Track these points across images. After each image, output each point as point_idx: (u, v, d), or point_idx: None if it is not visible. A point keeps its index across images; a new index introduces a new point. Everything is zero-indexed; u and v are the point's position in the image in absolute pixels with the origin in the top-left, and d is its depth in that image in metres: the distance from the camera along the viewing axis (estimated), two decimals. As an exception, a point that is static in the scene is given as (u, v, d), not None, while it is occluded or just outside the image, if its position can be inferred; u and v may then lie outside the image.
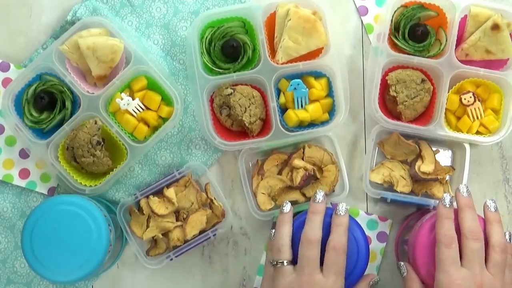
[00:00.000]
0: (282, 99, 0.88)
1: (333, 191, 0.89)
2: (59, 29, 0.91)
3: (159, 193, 0.89)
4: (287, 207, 0.79)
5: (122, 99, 0.85)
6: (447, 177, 0.90)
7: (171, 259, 0.87)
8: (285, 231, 0.77)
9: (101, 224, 0.81)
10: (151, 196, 0.87)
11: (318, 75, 0.88)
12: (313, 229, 0.75)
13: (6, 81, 0.90)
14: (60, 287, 0.92)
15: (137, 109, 0.87)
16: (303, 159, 0.89)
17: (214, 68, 0.87)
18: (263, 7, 0.86)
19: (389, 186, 0.90)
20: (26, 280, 0.91)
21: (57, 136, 0.86)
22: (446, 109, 0.87)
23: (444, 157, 0.92)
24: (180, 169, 0.89)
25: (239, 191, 0.92)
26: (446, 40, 0.87)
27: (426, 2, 0.87)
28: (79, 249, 0.80)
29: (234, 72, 0.86)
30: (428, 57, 0.87)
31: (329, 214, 0.82)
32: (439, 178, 0.87)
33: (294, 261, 0.76)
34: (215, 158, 0.92)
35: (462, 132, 0.87)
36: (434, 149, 0.90)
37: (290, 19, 0.84)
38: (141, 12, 0.92)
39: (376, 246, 0.91)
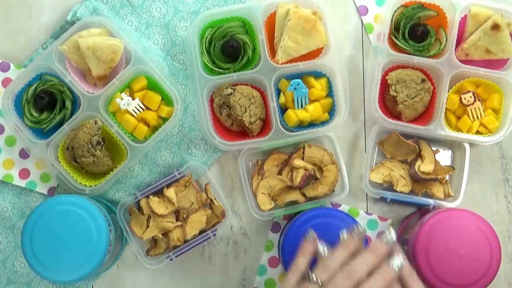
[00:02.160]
0: (282, 99, 0.88)
1: (333, 191, 0.89)
2: (59, 29, 0.91)
3: (159, 193, 0.89)
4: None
5: (122, 99, 0.85)
6: (447, 177, 0.90)
7: (171, 259, 0.87)
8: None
9: (101, 224, 0.81)
10: (151, 196, 0.87)
11: (318, 75, 0.88)
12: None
13: (6, 81, 0.90)
14: (60, 287, 0.92)
15: (137, 109, 0.87)
16: (303, 159, 0.89)
17: (214, 68, 0.87)
18: (263, 7, 0.86)
19: (389, 186, 0.90)
20: (26, 280, 0.91)
21: (57, 136, 0.86)
22: (446, 109, 0.87)
23: (444, 157, 0.92)
24: (180, 169, 0.89)
25: (239, 191, 0.92)
26: (446, 40, 0.87)
27: (426, 2, 0.87)
28: (79, 249, 0.80)
29: (234, 72, 0.86)
30: (428, 57, 0.87)
31: (328, 214, 0.83)
32: (439, 178, 0.87)
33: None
34: (215, 158, 0.92)
35: (462, 132, 0.87)
36: (434, 149, 0.90)
37: (290, 19, 0.84)
38: (141, 12, 0.92)
39: (376, 246, 0.91)
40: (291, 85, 0.86)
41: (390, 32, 0.88)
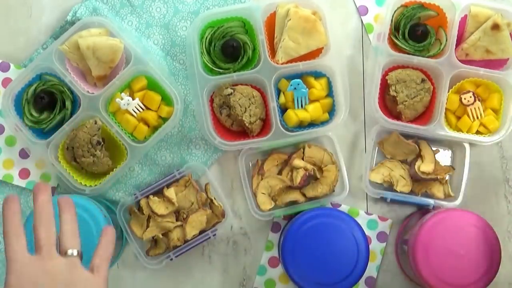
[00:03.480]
0: (282, 99, 0.88)
1: (333, 191, 0.89)
2: (59, 29, 0.91)
3: (159, 193, 0.89)
4: None
5: (122, 99, 0.85)
6: (447, 177, 0.90)
7: (171, 259, 0.87)
8: None
9: (101, 224, 0.81)
10: (151, 196, 0.87)
11: (318, 75, 0.88)
12: None
13: (6, 81, 0.90)
14: (60, 287, 0.92)
15: (137, 109, 0.87)
16: (303, 159, 0.89)
17: (214, 68, 0.87)
18: (263, 7, 0.86)
19: (389, 186, 0.90)
20: (26, 280, 0.91)
21: (57, 136, 0.85)
22: (446, 109, 0.87)
23: (444, 156, 0.92)
24: (180, 169, 0.89)
25: (239, 191, 0.92)
26: (446, 40, 0.87)
27: (426, 2, 0.87)
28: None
29: (234, 72, 0.86)
30: (428, 57, 0.87)
31: (328, 214, 0.83)
32: (438, 178, 0.87)
33: None
34: (215, 158, 0.92)
35: (462, 132, 0.87)
36: (434, 148, 0.90)
37: (290, 19, 0.84)
38: (141, 12, 0.92)
39: (376, 246, 0.91)
40: (291, 85, 0.86)
41: (390, 32, 0.88)
